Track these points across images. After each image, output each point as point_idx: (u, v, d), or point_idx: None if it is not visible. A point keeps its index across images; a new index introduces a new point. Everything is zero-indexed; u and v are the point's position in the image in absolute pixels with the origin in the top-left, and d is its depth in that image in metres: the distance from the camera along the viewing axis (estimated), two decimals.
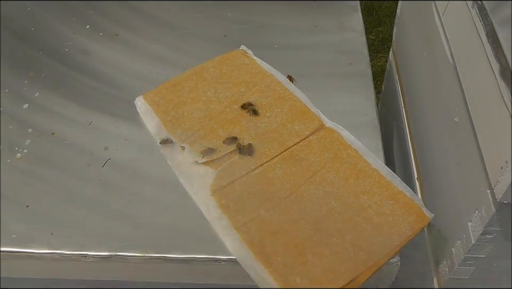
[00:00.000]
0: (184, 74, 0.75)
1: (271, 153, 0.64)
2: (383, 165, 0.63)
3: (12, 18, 0.87)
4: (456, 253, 0.61)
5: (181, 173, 0.64)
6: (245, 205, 0.60)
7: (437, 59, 0.69)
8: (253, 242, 0.56)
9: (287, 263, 0.55)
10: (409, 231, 0.57)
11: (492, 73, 0.47)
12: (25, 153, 0.68)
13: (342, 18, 0.86)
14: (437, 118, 0.71)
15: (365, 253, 0.55)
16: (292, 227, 0.58)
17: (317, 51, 0.81)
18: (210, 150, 0.64)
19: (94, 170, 0.66)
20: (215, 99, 0.71)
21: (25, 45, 0.83)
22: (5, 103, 0.74)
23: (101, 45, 0.83)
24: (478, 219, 0.55)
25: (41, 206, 0.62)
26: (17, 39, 0.83)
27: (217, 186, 0.61)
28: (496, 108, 0.46)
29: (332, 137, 0.66)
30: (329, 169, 0.63)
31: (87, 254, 0.58)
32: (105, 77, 0.78)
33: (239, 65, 0.76)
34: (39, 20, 0.87)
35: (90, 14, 0.88)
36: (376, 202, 0.59)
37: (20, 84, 0.77)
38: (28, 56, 0.81)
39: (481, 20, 0.51)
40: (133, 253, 0.58)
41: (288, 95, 0.71)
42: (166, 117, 0.69)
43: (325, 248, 0.56)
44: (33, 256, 0.59)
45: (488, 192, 0.52)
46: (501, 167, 0.45)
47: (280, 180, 0.62)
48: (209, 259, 0.58)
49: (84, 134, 0.70)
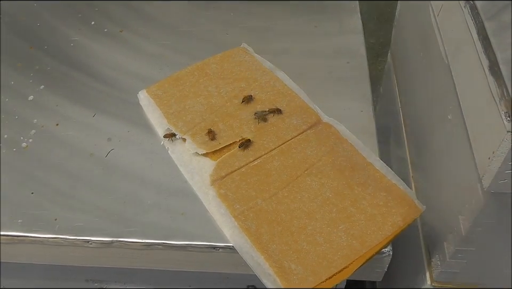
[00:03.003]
0: (186, 69, 0.77)
1: (269, 146, 0.66)
2: (377, 158, 0.65)
3: (17, 14, 0.89)
4: (447, 246, 0.63)
5: (182, 163, 0.66)
6: (243, 194, 0.61)
7: (432, 59, 0.71)
8: (250, 230, 0.58)
9: (282, 250, 0.57)
10: (401, 222, 0.58)
11: (481, 69, 0.49)
12: (30, 143, 0.70)
13: (341, 19, 0.88)
14: (431, 117, 0.73)
15: (358, 241, 0.57)
16: (288, 216, 0.59)
17: (315, 51, 0.83)
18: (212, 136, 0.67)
19: (97, 159, 0.68)
20: (216, 94, 0.73)
21: (30, 39, 0.85)
22: (10, 94, 0.76)
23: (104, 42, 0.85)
24: (468, 212, 0.57)
25: (46, 193, 0.64)
26: (22, 34, 0.86)
27: (217, 177, 0.63)
28: (485, 101, 0.48)
29: (329, 132, 0.68)
30: (325, 162, 0.64)
31: (90, 239, 0.60)
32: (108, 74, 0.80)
33: (240, 62, 0.78)
34: (44, 16, 0.89)
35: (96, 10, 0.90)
36: (370, 194, 0.61)
37: (25, 77, 0.79)
38: (33, 50, 0.83)
39: (472, 19, 0.53)
40: (134, 239, 0.60)
41: (287, 91, 0.73)
42: (168, 110, 0.71)
43: (319, 237, 0.58)
44: (37, 240, 0.61)
45: (478, 186, 0.53)
46: (488, 158, 0.47)
47: (277, 171, 0.64)
48: (207, 246, 0.59)
49: (87, 125, 0.72)
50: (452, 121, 0.63)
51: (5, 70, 0.80)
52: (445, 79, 0.64)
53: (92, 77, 0.79)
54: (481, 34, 0.51)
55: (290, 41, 0.84)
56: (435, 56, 0.69)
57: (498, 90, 0.46)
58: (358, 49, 0.83)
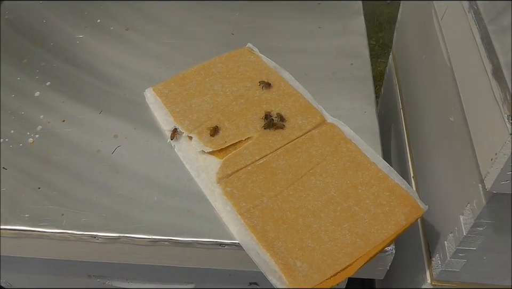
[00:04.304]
0: (192, 68, 0.78)
1: (274, 145, 0.67)
2: (380, 158, 0.66)
3: (22, 11, 0.90)
4: (448, 245, 0.64)
5: (188, 161, 0.67)
6: (249, 192, 0.62)
7: (435, 62, 0.72)
8: (255, 228, 0.59)
9: (287, 248, 0.58)
10: (404, 221, 0.60)
11: (485, 73, 0.51)
12: (36, 138, 0.71)
13: (345, 20, 0.89)
14: (433, 118, 0.74)
15: (362, 240, 0.58)
16: (293, 215, 0.60)
17: (319, 52, 0.84)
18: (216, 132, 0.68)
19: (104, 155, 0.68)
20: (221, 93, 0.74)
21: (36, 36, 0.86)
22: (17, 91, 0.77)
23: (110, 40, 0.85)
24: (469, 212, 0.58)
25: (53, 188, 0.65)
26: (28, 31, 0.87)
27: (223, 175, 0.64)
28: (488, 104, 0.49)
29: (333, 132, 0.69)
30: (330, 161, 0.66)
31: (96, 234, 0.61)
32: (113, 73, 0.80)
33: (245, 62, 0.79)
34: (50, 14, 0.90)
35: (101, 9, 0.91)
36: (373, 193, 0.62)
37: (31, 73, 0.80)
38: (39, 47, 0.84)
39: (476, 23, 0.54)
40: (140, 235, 0.61)
41: (292, 91, 0.74)
42: (174, 108, 0.72)
43: (324, 235, 0.59)
44: (44, 235, 0.61)
45: (480, 186, 0.55)
46: (491, 159, 0.48)
47: (282, 170, 0.65)
48: (214, 243, 0.60)
49: (93, 122, 0.73)
50: (454, 123, 0.64)
51: (11, 66, 0.80)
52: (447, 82, 0.66)
53: (97, 75, 0.80)
54: (485, 38, 0.52)
55: (294, 42, 0.85)
56: (438, 58, 0.70)
57: (501, 93, 0.47)
58: (362, 51, 0.84)
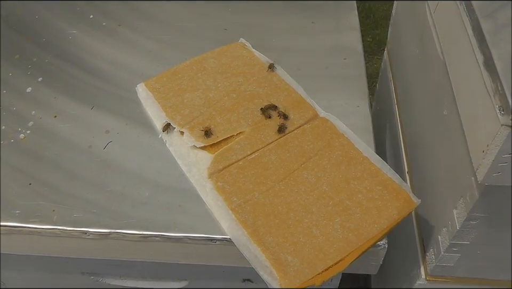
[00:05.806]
0: (184, 63, 0.77)
1: (266, 140, 0.67)
2: (373, 153, 0.66)
3: (14, 7, 0.89)
4: (442, 240, 0.64)
5: (180, 156, 0.66)
6: (240, 187, 0.62)
7: (428, 56, 0.72)
8: (246, 223, 0.59)
9: (279, 243, 0.57)
10: (396, 215, 0.59)
11: (476, 64, 0.50)
12: (28, 134, 0.70)
13: (339, 16, 0.89)
14: (427, 112, 0.74)
15: (354, 234, 0.58)
16: (285, 209, 0.60)
17: (312, 48, 0.83)
18: (208, 135, 0.67)
19: (95, 151, 0.68)
20: (214, 88, 0.74)
21: (28, 32, 0.85)
22: (8, 86, 0.76)
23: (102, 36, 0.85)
24: (462, 206, 0.58)
25: (44, 184, 0.64)
26: (20, 27, 0.86)
27: (214, 170, 0.64)
28: (480, 96, 0.49)
29: (325, 126, 0.69)
30: (322, 156, 0.65)
31: (87, 230, 0.61)
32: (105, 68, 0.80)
33: (237, 57, 0.78)
34: (42, 10, 0.89)
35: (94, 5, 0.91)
36: (366, 187, 0.62)
37: (23, 69, 0.79)
38: (31, 43, 0.83)
39: (468, 15, 0.54)
40: (132, 230, 0.61)
41: (284, 86, 0.74)
42: (166, 103, 0.71)
43: (315, 229, 0.58)
44: (35, 231, 0.61)
45: (473, 179, 0.54)
46: (483, 151, 0.48)
47: (274, 165, 0.64)
48: (205, 238, 0.60)
49: (85, 117, 0.72)
50: (447, 117, 0.64)
51: (2, 62, 0.80)
52: (440, 76, 0.65)
53: (89, 71, 0.79)
54: (476, 30, 0.51)
55: (287, 38, 0.85)
56: (431, 53, 0.69)
57: (492, 85, 0.47)
58: (355, 46, 0.83)
